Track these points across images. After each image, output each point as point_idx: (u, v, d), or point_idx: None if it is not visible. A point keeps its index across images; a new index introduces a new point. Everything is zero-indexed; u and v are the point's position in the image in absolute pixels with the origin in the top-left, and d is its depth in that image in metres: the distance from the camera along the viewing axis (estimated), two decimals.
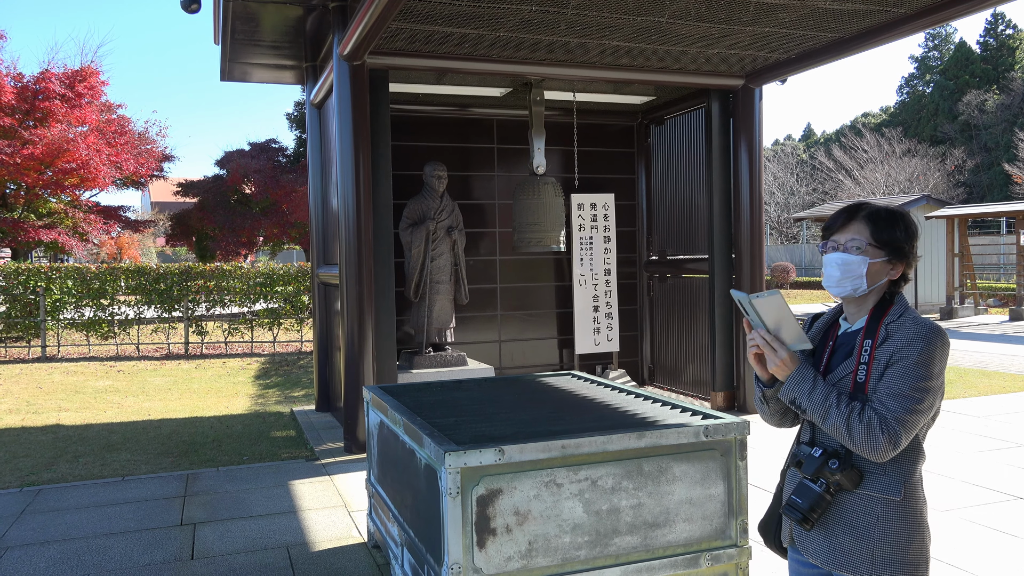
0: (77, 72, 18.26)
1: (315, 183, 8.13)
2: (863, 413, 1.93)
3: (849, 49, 6.49)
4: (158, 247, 43.27)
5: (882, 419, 1.92)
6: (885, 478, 1.98)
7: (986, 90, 38.26)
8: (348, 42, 5.83)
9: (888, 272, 2.05)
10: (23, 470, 6.12)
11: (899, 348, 1.95)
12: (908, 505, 1.98)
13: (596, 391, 4.12)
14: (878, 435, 1.90)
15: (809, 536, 2.08)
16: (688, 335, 8.59)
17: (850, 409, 1.95)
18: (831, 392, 1.99)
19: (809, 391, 2.01)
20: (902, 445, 1.92)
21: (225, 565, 4.18)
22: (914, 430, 1.93)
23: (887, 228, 2.03)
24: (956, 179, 35.09)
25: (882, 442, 1.91)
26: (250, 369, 11.83)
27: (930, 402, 1.94)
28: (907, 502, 1.98)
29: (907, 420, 1.91)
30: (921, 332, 1.96)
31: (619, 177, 9.28)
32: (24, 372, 11.53)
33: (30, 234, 17.33)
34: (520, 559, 2.83)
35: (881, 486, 1.98)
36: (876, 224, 2.04)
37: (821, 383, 2.01)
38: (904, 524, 1.97)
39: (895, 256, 2.04)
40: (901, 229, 2.04)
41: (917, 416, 1.92)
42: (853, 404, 1.95)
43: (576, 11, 5.68)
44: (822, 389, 2.00)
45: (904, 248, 2.05)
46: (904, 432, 1.91)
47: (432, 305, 7.54)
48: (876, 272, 2.04)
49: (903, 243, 2.04)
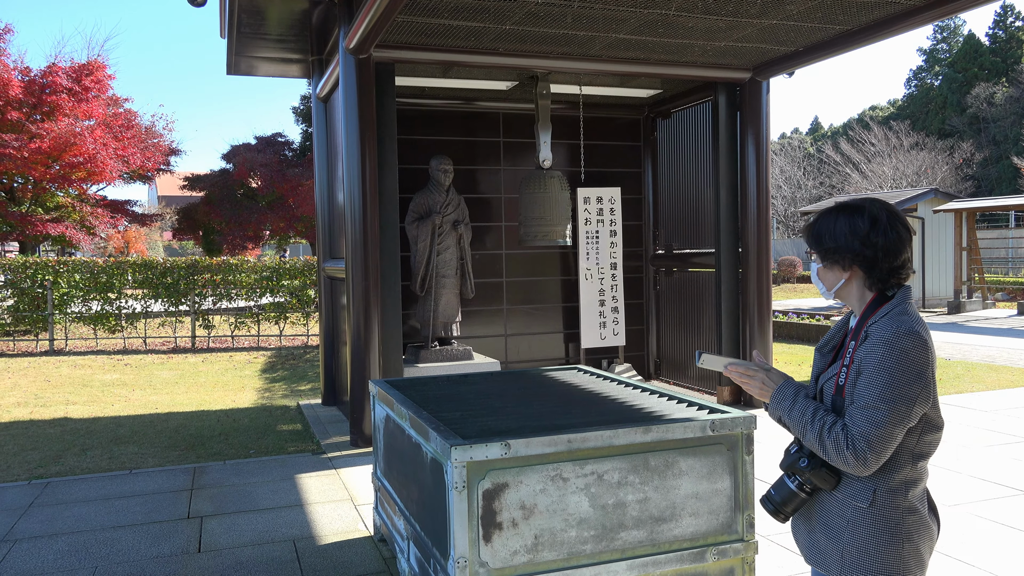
0: (84, 66, 18.30)
1: (321, 177, 8.13)
2: (833, 429, 1.91)
3: (857, 41, 6.45)
4: (165, 241, 43.41)
5: (848, 436, 1.88)
6: (855, 483, 1.96)
7: (995, 83, 38.02)
8: (354, 35, 5.82)
9: (844, 275, 2.02)
10: (31, 463, 6.15)
11: (865, 353, 1.91)
12: (880, 514, 1.93)
13: (602, 385, 4.12)
14: (845, 452, 1.88)
15: (798, 528, 2.13)
16: (694, 329, 8.57)
17: (822, 424, 1.93)
18: (808, 407, 1.98)
19: (789, 408, 2.02)
20: (872, 461, 1.87)
21: (232, 558, 4.19)
22: (884, 444, 1.86)
23: (814, 239, 2.04)
24: (964, 172, 34.91)
25: (850, 460, 1.88)
26: (256, 363, 11.87)
27: (898, 414, 1.85)
28: (878, 510, 1.93)
29: (872, 436, 1.85)
30: (884, 336, 1.88)
31: (625, 171, 9.26)
32: (32, 365, 11.58)
33: (38, 228, 17.39)
34: (526, 553, 2.83)
35: (851, 491, 1.97)
36: (809, 236, 2.06)
37: (801, 399, 2.01)
38: (874, 531, 1.93)
39: (834, 260, 2.01)
40: (828, 235, 2.00)
41: (883, 430, 1.85)
42: (826, 419, 1.93)
43: (582, 4, 5.66)
44: (800, 405, 2.00)
45: (840, 250, 1.99)
46: (871, 449, 1.85)
47: (438, 299, 7.54)
48: (832, 278, 2.05)
49: (835, 246, 1.99)
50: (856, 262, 1.99)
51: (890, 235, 1.96)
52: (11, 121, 17.07)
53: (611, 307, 8.76)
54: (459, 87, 8.22)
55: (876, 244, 1.96)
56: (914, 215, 18.92)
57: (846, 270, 2.02)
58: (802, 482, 2.01)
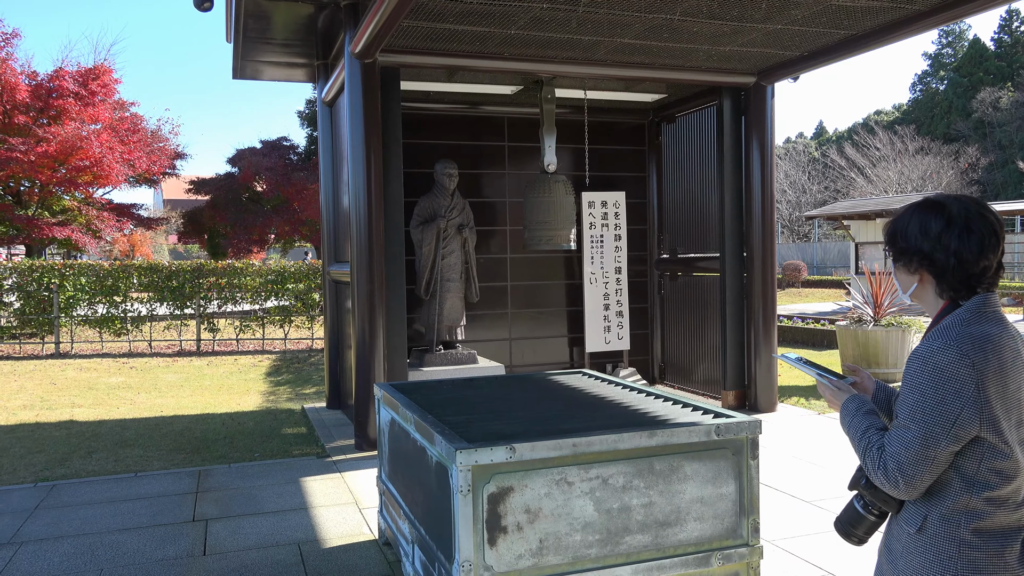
0: (90, 70, 18.38)
1: (326, 181, 8.15)
2: (871, 448, 1.81)
3: (862, 46, 6.45)
4: (170, 244, 43.53)
5: (881, 456, 1.78)
6: (911, 507, 1.83)
7: (1000, 87, 37.97)
8: (360, 40, 5.84)
9: (913, 279, 1.88)
10: (37, 465, 6.17)
11: (905, 368, 1.78)
12: (930, 543, 1.77)
13: (607, 389, 4.12)
14: (878, 473, 1.78)
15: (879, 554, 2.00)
16: (699, 334, 8.56)
17: (868, 443, 1.83)
18: (862, 424, 1.88)
19: (848, 424, 1.91)
20: (903, 483, 1.74)
21: (237, 561, 4.20)
22: (917, 467, 1.72)
23: (889, 237, 1.93)
24: (970, 177, 34.86)
25: (883, 481, 1.78)
26: (261, 366, 11.88)
27: (931, 436, 1.69)
28: (928, 539, 1.77)
29: (902, 457, 1.73)
30: (919, 351, 1.74)
31: (630, 175, 9.26)
32: (38, 368, 11.62)
33: (44, 231, 17.46)
34: (531, 557, 2.83)
35: (906, 515, 1.83)
36: (885, 233, 1.95)
37: (860, 416, 1.90)
38: (924, 561, 1.77)
39: (904, 262, 1.88)
40: (901, 234, 1.88)
41: (913, 452, 1.71)
42: (872, 438, 1.83)
43: (587, 8, 5.67)
44: (857, 421, 1.89)
45: (909, 251, 1.85)
46: (901, 472, 1.73)
47: (443, 303, 7.55)
48: (905, 280, 1.91)
49: (905, 247, 1.86)
50: (924, 266, 1.83)
51: (966, 239, 1.75)
52: (18, 125, 17.15)
53: (615, 311, 8.76)
54: (464, 91, 8.24)
55: (948, 248, 1.77)
56: None
57: (914, 273, 1.86)
58: (867, 503, 1.90)
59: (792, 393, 8.60)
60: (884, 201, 20.86)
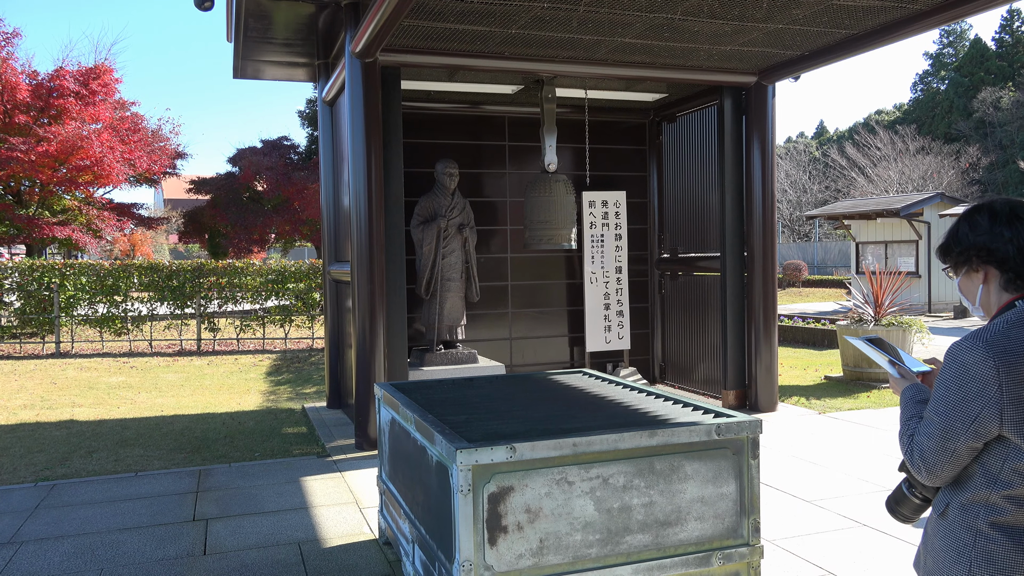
0: (91, 70, 18.37)
1: (327, 180, 8.15)
2: (905, 435, 1.90)
3: (864, 46, 6.45)
4: (171, 244, 43.53)
5: (911, 444, 1.87)
6: (939, 493, 1.92)
7: (1001, 87, 37.94)
8: (360, 39, 5.84)
9: (978, 278, 1.90)
10: (37, 465, 6.17)
11: None
12: (950, 529, 1.84)
13: (607, 389, 4.11)
14: (908, 461, 1.88)
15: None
16: (700, 333, 8.56)
17: (907, 430, 1.90)
18: (908, 411, 1.95)
19: (901, 411, 1.97)
20: (925, 472, 1.83)
21: (237, 561, 4.20)
22: (937, 459, 1.79)
23: (943, 252, 1.96)
24: (971, 177, 34.83)
25: (912, 470, 1.87)
26: (262, 366, 11.88)
27: (952, 430, 1.76)
28: (948, 525, 1.84)
29: (925, 448, 1.81)
30: (951, 347, 1.79)
31: (631, 175, 9.26)
32: (38, 368, 11.62)
33: (44, 231, 17.46)
34: (531, 556, 2.83)
35: (935, 500, 1.93)
36: (940, 254, 1.98)
37: (910, 404, 1.95)
38: (944, 545, 1.85)
39: (964, 263, 1.90)
40: (953, 241, 1.91)
41: (934, 443, 1.79)
42: (911, 427, 1.90)
43: (588, 8, 5.66)
44: (908, 409, 1.95)
45: (967, 251, 1.88)
46: (924, 461, 1.82)
47: (443, 302, 7.55)
48: (971, 287, 1.93)
49: (961, 248, 1.89)
50: (984, 259, 1.85)
51: (1017, 226, 1.81)
52: (19, 124, 17.14)
53: (616, 311, 8.76)
54: (465, 91, 8.23)
55: (1003, 236, 1.81)
56: (920, 220, 18.87)
57: (978, 270, 1.88)
58: (911, 484, 1.98)
59: (792, 393, 8.59)
60: (885, 201, 20.85)
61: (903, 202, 19.02)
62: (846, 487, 5.28)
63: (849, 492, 5.17)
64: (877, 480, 5.43)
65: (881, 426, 7.07)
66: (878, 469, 5.70)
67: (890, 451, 6.18)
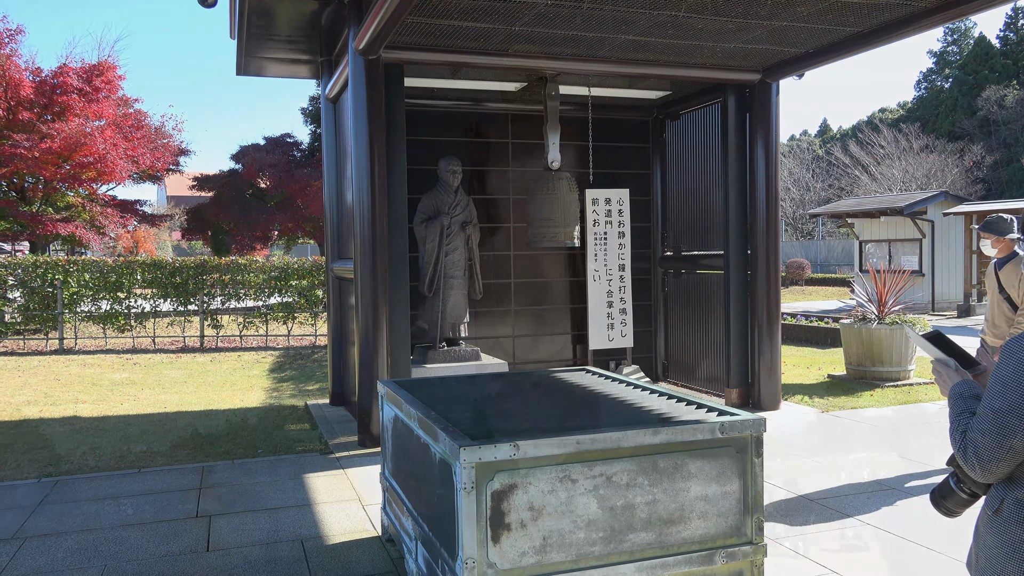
0: (94, 66, 18.39)
1: (330, 177, 8.15)
2: (956, 432, 1.87)
3: (868, 43, 6.43)
4: (174, 241, 43.58)
5: (963, 440, 1.84)
6: (992, 489, 1.90)
7: (1005, 85, 37.82)
8: (363, 36, 5.83)
9: None
10: (41, 461, 6.18)
11: None
12: (1005, 526, 1.82)
13: (610, 387, 4.11)
14: (960, 458, 1.85)
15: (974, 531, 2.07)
16: (703, 331, 8.55)
17: (957, 427, 1.89)
18: (957, 407, 1.94)
19: (950, 408, 1.96)
20: (979, 469, 1.80)
21: (240, 557, 4.20)
22: (992, 455, 1.77)
23: None
24: (974, 175, 34.74)
25: (965, 467, 1.84)
26: (265, 362, 11.90)
27: (1007, 426, 1.74)
28: (1003, 521, 1.83)
29: (979, 444, 1.79)
30: (1010, 340, 1.79)
31: (634, 172, 9.25)
32: (42, 364, 11.64)
33: (48, 227, 17.49)
34: (534, 554, 2.83)
35: (989, 496, 1.91)
36: None
37: (960, 400, 1.94)
38: (998, 542, 1.84)
39: None
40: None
41: (989, 439, 1.77)
42: (962, 423, 1.89)
43: (592, 5, 5.65)
44: (957, 405, 1.94)
45: None
46: (977, 458, 1.79)
47: (446, 300, 7.55)
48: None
49: None
50: None
51: None
52: (22, 121, 17.17)
53: (619, 309, 8.75)
54: (468, 88, 8.22)
55: None
56: (924, 218, 18.84)
57: None
58: (959, 479, 1.97)
59: (796, 391, 8.58)
60: (888, 199, 20.82)
61: (907, 200, 18.99)
62: (849, 485, 5.28)
63: (853, 491, 5.17)
64: (881, 479, 5.42)
65: (884, 425, 7.06)
66: (882, 468, 5.69)
67: (893, 449, 6.17)
